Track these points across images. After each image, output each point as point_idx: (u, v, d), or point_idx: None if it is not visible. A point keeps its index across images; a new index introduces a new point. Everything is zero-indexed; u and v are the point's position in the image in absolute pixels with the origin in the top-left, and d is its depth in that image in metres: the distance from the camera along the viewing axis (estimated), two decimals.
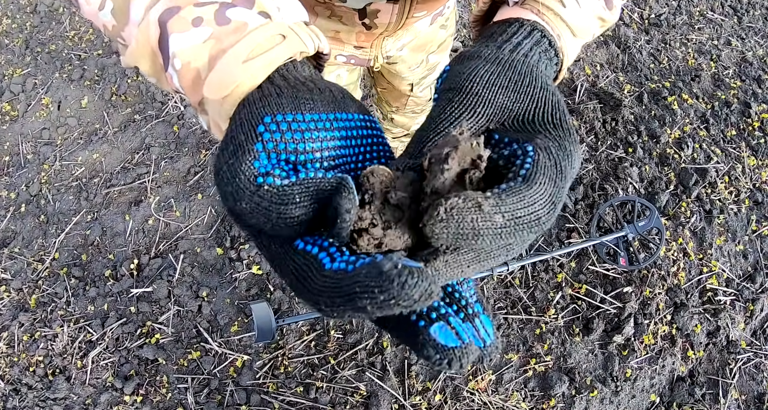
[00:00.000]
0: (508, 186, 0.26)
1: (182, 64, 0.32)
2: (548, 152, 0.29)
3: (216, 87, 0.31)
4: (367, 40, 0.81)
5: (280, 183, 0.27)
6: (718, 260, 1.96)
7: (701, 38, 2.74)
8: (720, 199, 2.10)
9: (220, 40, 0.31)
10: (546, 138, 0.30)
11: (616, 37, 2.58)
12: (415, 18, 0.76)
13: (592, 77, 2.38)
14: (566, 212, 1.91)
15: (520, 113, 0.33)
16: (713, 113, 2.40)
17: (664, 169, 2.12)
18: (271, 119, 0.29)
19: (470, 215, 0.24)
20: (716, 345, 1.80)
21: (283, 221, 0.26)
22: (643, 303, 1.77)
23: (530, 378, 1.59)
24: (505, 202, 0.25)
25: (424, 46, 0.99)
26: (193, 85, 0.32)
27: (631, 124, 2.22)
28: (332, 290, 0.24)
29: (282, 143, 0.28)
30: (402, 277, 0.22)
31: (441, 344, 0.24)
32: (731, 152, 2.26)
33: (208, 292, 1.67)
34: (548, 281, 1.75)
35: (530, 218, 0.26)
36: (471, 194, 0.24)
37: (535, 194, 0.26)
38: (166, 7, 0.32)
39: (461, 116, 0.32)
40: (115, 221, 1.85)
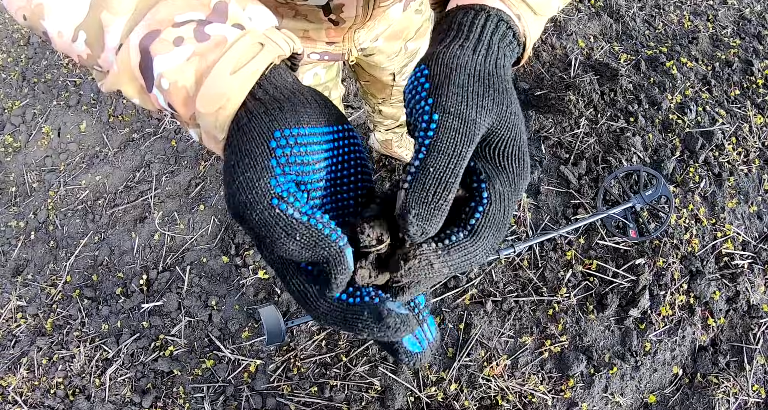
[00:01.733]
0: (456, 240, 0.33)
1: (170, 83, 0.33)
2: (500, 201, 0.33)
3: (209, 101, 0.33)
4: (337, 35, 0.80)
5: (292, 213, 0.30)
6: (732, 223, 1.91)
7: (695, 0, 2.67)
8: (729, 161, 2.04)
9: (204, 56, 0.33)
10: (505, 179, 0.34)
11: (608, 6, 2.53)
12: (383, 7, 0.74)
13: (586, 50, 2.33)
14: (571, 188, 1.88)
15: (495, 140, 0.34)
16: (714, 74, 2.33)
17: (668, 135, 2.07)
18: (281, 134, 0.32)
19: (424, 272, 0.32)
20: (737, 311, 1.76)
21: (279, 245, 0.30)
22: (657, 274, 1.72)
23: (546, 359, 1.56)
24: (452, 258, 0.32)
25: (400, 34, 0.97)
26: (185, 102, 0.34)
27: (630, 93, 2.18)
28: (336, 316, 0.32)
29: (292, 156, 0.32)
30: (396, 324, 0.31)
31: (409, 351, 0.34)
32: (736, 112, 2.20)
33: (217, 300, 1.68)
34: (557, 259, 1.72)
35: (470, 265, 0.33)
36: (425, 254, 0.32)
37: (478, 248, 0.33)
38: (146, 31, 0.33)
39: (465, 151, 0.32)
40: (122, 240, 1.87)
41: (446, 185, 0.31)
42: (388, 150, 1.74)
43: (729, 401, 1.62)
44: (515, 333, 1.59)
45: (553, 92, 2.16)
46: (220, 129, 0.34)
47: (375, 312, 0.31)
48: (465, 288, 1.64)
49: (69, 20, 0.36)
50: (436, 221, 0.31)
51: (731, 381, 1.64)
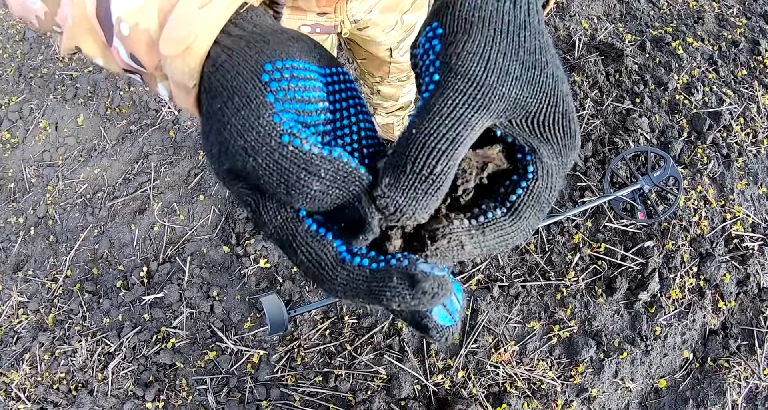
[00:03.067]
0: (493, 218, 0.27)
1: (130, 28, 0.29)
2: (547, 176, 0.28)
3: (175, 41, 0.28)
4: (328, 4, 0.77)
5: (309, 148, 0.26)
6: (742, 205, 1.88)
7: None
8: (737, 142, 2.01)
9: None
10: (551, 150, 0.28)
11: None
12: None
13: (590, 31, 2.29)
14: (577, 171, 1.85)
15: (531, 110, 0.28)
16: (721, 54, 2.29)
17: (675, 116, 2.03)
18: (272, 67, 0.27)
19: (453, 253, 0.27)
20: (747, 294, 1.73)
21: (299, 188, 0.25)
22: (666, 257, 1.69)
23: (555, 345, 1.54)
24: (487, 238, 0.27)
25: (395, 6, 0.93)
26: (148, 49, 0.29)
27: (635, 74, 2.14)
28: (358, 286, 0.26)
29: (290, 91, 0.27)
30: (434, 289, 0.25)
31: (440, 324, 0.28)
32: (744, 93, 2.16)
33: (218, 291, 1.66)
34: (565, 243, 1.69)
35: (506, 247, 0.28)
36: (456, 233, 0.27)
37: (517, 229, 0.28)
38: None
39: (472, 117, 0.26)
40: (121, 233, 1.85)
41: (435, 154, 0.25)
42: (390, 134, 1.71)
43: (740, 385, 1.59)
44: (523, 318, 1.56)
45: None
46: (189, 75, 0.29)
47: (407, 276, 0.25)
48: (471, 273, 1.61)
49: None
50: (416, 196, 0.25)
51: (742, 365, 1.61)
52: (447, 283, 0.25)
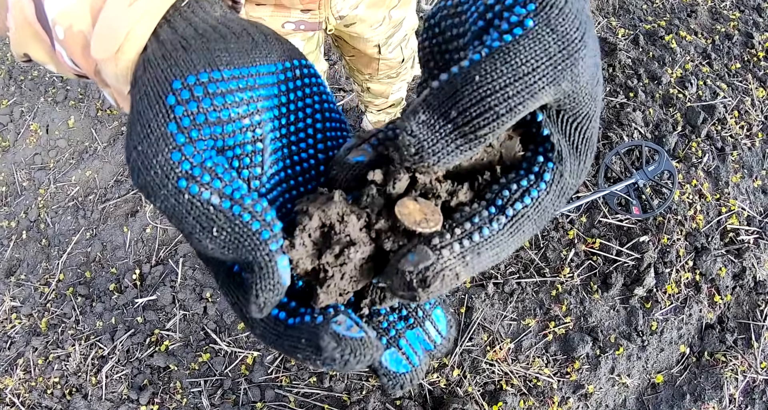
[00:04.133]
0: (490, 234, 0.23)
1: (64, 30, 0.26)
2: (561, 190, 0.24)
3: (103, 43, 0.25)
4: (312, 0, 0.76)
5: (207, 198, 0.22)
6: (737, 198, 1.87)
7: None
8: (731, 135, 2.01)
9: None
10: (575, 162, 0.24)
11: None
12: None
13: None
14: None
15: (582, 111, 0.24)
16: (714, 47, 2.29)
17: (669, 110, 2.03)
18: (182, 84, 0.23)
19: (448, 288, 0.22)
20: (744, 288, 1.73)
21: (195, 243, 0.23)
22: (662, 252, 1.69)
23: (551, 342, 1.53)
24: (481, 259, 0.23)
25: (382, 2, 0.92)
26: (83, 52, 0.26)
27: (629, 68, 2.13)
28: (273, 341, 0.24)
29: (201, 114, 0.23)
30: (343, 356, 0.21)
31: (392, 371, 0.25)
32: (738, 86, 2.16)
33: (211, 292, 1.65)
34: (559, 239, 1.68)
35: (496, 262, 0.24)
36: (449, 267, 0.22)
37: (513, 244, 0.24)
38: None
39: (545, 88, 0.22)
40: (114, 235, 1.84)
41: (488, 110, 0.21)
42: None
43: (737, 379, 1.59)
44: (518, 315, 1.55)
45: None
46: (123, 79, 0.26)
47: (315, 340, 0.22)
48: None
49: None
50: (446, 148, 0.22)
51: (739, 359, 1.61)
52: (365, 346, 0.21)
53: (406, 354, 0.25)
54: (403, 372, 0.25)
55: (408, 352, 0.25)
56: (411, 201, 0.23)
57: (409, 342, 0.26)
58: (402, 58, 1.17)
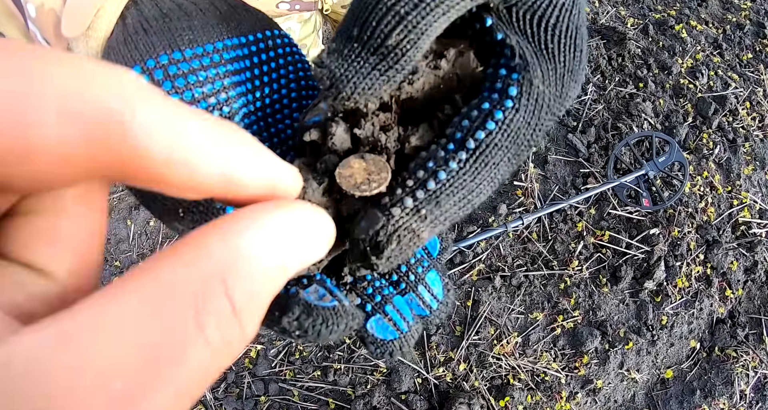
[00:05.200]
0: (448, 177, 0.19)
1: (36, 8, 0.26)
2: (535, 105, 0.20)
3: (73, 20, 0.24)
4: None
5: None
6: (749, 190, 1.85)
7: None
8: (743, 126, 1.98)
9: None
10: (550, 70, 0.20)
11: None
12: None
13: (591, 14, 2.25)
14: (579, 157, 1.80)
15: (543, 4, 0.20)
16: (725, 37, 2.25)
17: (679, 101, 1.99)
18: (142, 69, 0.23)
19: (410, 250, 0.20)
20: (755, 282, 1.70)
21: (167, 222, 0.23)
22: (672, 244, 1.66)
23: (559, 336, 1.51)
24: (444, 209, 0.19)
25: None
26: (55, 31, 0.26)
27: (638, 58, 2.09)
28: None
29: None
30: (314, 326, 0.19)
31: (379, 338, 0.24)
32: (749, 76, 2.13)
33: None
34: (568, 231, 1.65)
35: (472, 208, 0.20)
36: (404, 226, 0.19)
37: (484, 182, 0.20)
38: None
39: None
40: (117, 228, 1.82)
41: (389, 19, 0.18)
42: None
43: (748, 375, 1.57)
44: (525, 309, 1.53)
45: None
46: (93, 52, 0.25)
47: (286, 310, 0.19)
48: (472, 264, 1.58)
49: None
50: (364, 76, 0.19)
51: (750, 355, 1.59)
52: (339, 315, 0.19)
53: (393, 320, 0.24)
54: (391, 338, 0.23)
55: (395, 318, 0.24)
56: (357, 159, 0.20)
57: (397, 307, 0.24)
58: None
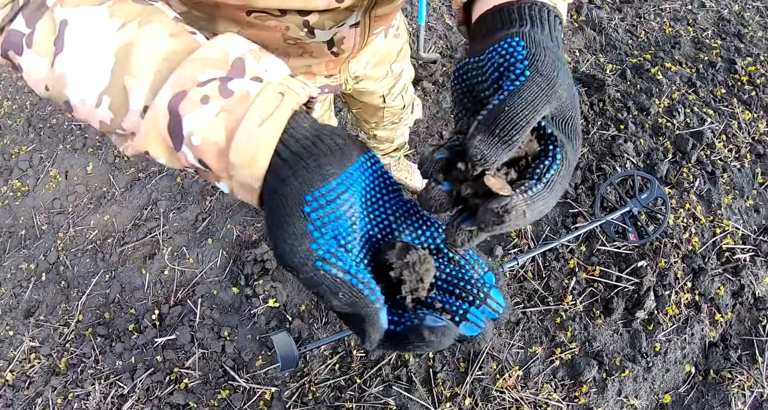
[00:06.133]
0: (537, 191, 0.36)
1: (201, 139, 0.35)
2: (569, 163, 0.38)
3: (242, 152, 0.35)
4: (335, 66, 0.85)
5: (335, 273, 0.33)
6: (730, 218, 1.93)
7: (674, 6, 2.74)
8: (721, 158, 2.08)
9: (232, 111, 0.35)
10: (571, 145, 0.39)
11: (590, 20, 2.60)
12: (374, 35, 0.80)
13: (572, 63, 2.39)
14: (568, 198, 1.91)
15: (566, 114, 0.39)
16: (699, 75, 2.39)
17: (659, 139, 2.12)
18: (312, 197, 0.35)
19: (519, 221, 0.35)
20: (744, 305, 1.77)
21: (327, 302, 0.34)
22: (660, 275, 1.75)
23: (558, 367, 1.58)
24: (536, 206, 0.35)
25: (385, 59, 1.04)
26: (217, 156, 0.36)
27: (618, 101, 2.23)
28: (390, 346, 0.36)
29: (325, 216, 0.35)
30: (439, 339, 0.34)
31: (467, 336, 0.36)
32: (724, 111, 2.25)
33: (229, 331, 1.71)
34: (561, 268, 1.74)
35: (545, 212, 0.36)
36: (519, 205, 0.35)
37: (552, 198, 0.36)
38: (173, 93, 0.36)
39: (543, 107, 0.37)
40: (132, 277, 1.90)
41: (515, 126, 0.35)
42: None
43: (745, 395, 1.62)
44: (525, 343, 1.61)
45: None
46: (255, 179, 0.36)
47: (419, 335, 0.34)
48: None
49: (93, 87, 0.38)
50: (497, 152, 0.35)
51: (745, 375, 1.65)
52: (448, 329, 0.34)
53: (474, 322, 0.36)
54: (477, 334, 0.36)
55: (475, 321, 0.36)
56: (491, 176, 0.37)
57: (475, 315, 0.36)
58: (403, 105, 1.28)
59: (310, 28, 0.66)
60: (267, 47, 0.73)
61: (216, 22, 0.65)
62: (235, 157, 0.35)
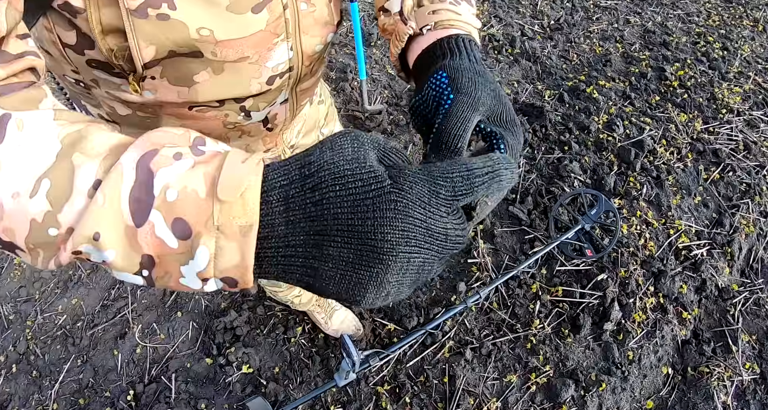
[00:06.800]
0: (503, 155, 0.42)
1: (178, 191, 0.32)
2: (511, 148, 0.48)
3: (232, 188, 0.32)
4: (271, 140, 0.91)
5: None
6: (681, 218, 2.00)
7: (601, 26, 2.91)
8: (664, 162, 2.17)
9: (207, 163, 0.34)
10: (510, 135, 0.48)
11: (524, 51, 2.73)
12: (301, 106, 0.86)
13: (512, 95, 2.50)
14: (523, 225, 1.97)
15: (496, 112, 0.48)
16: (632, 87, 2.52)
17: (602, 154, 2.21)
18: None
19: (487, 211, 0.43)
20: (709, 298, 1.82)
21: None
22: (622, 284, 1.80)
23: (535, 393, 1.59)
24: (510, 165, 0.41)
25: (313, 126, 1.09)
26: (199, 206, 0.32)
27: (559, 124, 2.33)
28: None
29: None
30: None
31: None
32: (660, 117, 2.36)
33: (206, 403, 1.69)
34: (524, 294, 1.78)
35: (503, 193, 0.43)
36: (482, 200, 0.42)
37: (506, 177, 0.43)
38: (143, 151, 0.33)
39: (472, 116, 0.46)
40: (105, 359, 1.88)
41: (454, 137, 0.44)
42: None
43: (726, 385, 1.64)
44: (499, 374, 1.62)
45: None
46: (252, 212, 0.32)
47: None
48: (442, 342, 1.68)
49: (31, 172, 0.33)
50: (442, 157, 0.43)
51: (722, 366, 1.67)
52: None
53: None
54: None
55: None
56: None
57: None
58: None
59: (247, 112, 0.72)
60: (209, 134, 0.78)
61: (160, 119, 0.70)
62: (224, 193, 0.32)
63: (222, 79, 0.62)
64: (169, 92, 0.62)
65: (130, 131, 0.76)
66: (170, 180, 0.32)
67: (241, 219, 0.32)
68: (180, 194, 0.32)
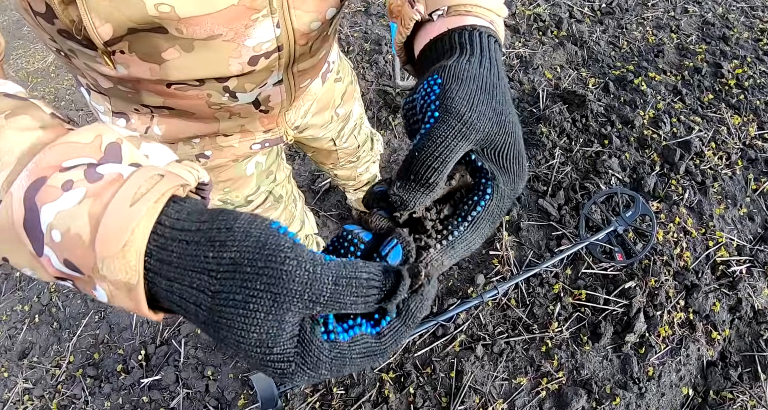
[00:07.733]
0: (459, 234, 0.36)
1: (62, 234, 0.29)
2: (500, 198, 0.37)
3: (111, 240, 0.28)
4: (270, 121, 0.85)
5: None
6: (723, 229, 1.88)
7: (657, 13, 2.71)
8: (711, 167, 2.03)
9: (98, 195, 0.29)
10: (507, 179, 0.38)
11: (571, 34, 2.58)
12: (303, 88, 0.79)
13: (554, 80, 2.37)
14: (551, 220, 1.88)
15: (497, 143, 0.38)
16: (684, 82, 2.35)
17: (645, 152, 2.08)
18: None
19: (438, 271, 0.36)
20: (742, 319, 1.71)
21: None
22: (650, 295, 1.70)
23: (544, 399, 1.54)
24: (456, 250, 0.36)
25: (327, 105, 1.02)
26: (82, 252, 0.29)
27: (601, 116, 2.20)
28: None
29: None
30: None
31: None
32: (712, 117, 2.20)
33: (213, 370, 1.70)
34: (545, 294, 1.71)
35: (470, 251, 0.37)
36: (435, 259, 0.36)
37: (476, 237, 0.37)
38: (30, 181, 0.30)
39: (457, 145, 0.36)
40: (120, 318, 1.91)
41: (429, 169, 0.35)
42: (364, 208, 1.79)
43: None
44: (509, 374, 1.57)
45: (525, 127, 2.19)
46: (133, 271, 0.29)
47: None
48: (453, 335, 1.63)
49: None
50: (415, 196, 0.35)
51: (747, 394, 1.59)
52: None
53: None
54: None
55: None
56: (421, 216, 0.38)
57: None
58: (357, 145, 1.26)
59: (232, 93, 0.66)
60: (194, 114, 0.73)
61: (140, 94, 0.65)
62: (102, 247, 0.28)
63: (194, 57, 0.56)
64: (141, 68, 0.56)
65: (118, 104, 0.72)
66: (53, 221, 0.29)
67: (123, 276, 0.29)
68: (64, 237, 0.29)
